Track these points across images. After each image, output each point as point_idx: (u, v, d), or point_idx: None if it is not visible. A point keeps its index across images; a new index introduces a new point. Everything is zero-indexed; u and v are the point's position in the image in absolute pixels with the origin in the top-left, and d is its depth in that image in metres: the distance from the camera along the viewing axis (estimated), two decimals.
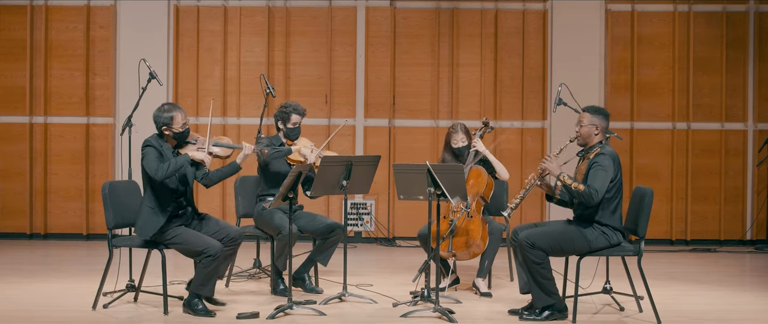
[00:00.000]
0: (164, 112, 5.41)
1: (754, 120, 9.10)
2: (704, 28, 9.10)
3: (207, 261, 5.27)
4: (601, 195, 5.11)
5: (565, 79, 7.34)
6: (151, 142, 5.37)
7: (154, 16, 8.99)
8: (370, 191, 6.09)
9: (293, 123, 6.29)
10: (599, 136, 5.33)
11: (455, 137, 6.26)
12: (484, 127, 6.34)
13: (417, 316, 5.36)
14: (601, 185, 5.10)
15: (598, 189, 5.09)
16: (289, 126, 6.29)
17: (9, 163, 9.09)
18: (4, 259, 7.74)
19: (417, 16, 9.16)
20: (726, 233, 9.08)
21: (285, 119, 6.29)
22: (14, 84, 9.07)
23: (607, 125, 5.35)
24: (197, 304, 5.33)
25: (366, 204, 9.03)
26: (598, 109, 5.38)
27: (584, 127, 5.33)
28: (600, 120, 5.32)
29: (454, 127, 6.28)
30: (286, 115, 6.28)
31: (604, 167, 5.14)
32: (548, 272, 5.21)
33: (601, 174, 5.13)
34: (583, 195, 5.11)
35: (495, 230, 6.06)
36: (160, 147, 5.37)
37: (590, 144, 5.35)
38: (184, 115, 5.46)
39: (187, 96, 9.04)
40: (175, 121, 5.40)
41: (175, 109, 5.41)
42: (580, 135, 5.35)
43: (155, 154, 5.31)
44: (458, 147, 6.25)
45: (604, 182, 5.12)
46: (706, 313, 5.67)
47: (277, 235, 5.90)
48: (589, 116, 5.33)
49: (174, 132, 5.43)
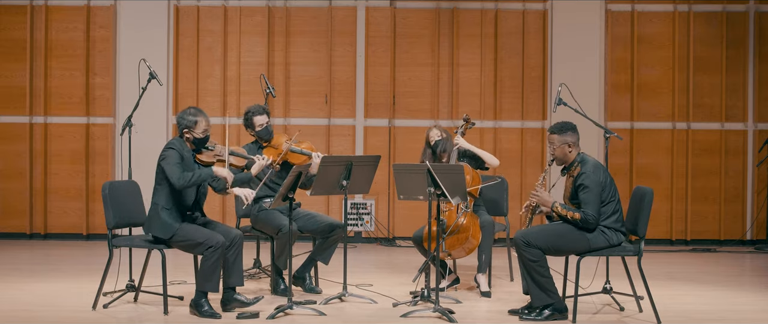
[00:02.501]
0: (189, 115, 5.40)
1: (754, 120, 9.10)
2: (704, 28, 9.10)
3: (209, 252, 5.24)
4: (598, 216, 5.14)
5: (565, 79, 7.34)
6: (175, 145, 5.33)
7: (154, 16, 8.99)
8: (370, 191, 6.09)
9: (259, 124, 6.22)
10: (573, 151, 5.32)
11: (431, 134, 6.35)
12: (465, 123, 6.37)
13: (417, 316, 5.36)
14: (594, 208, 5.13)
15: (592, 213, 5.13)
16: (258, 129, 6.23)
17: (9, 163, 9.09)
18: (4, 259, 7.74)
19: (417, 16, 9.16)
20: (726, 233, 9.08)
21: (250, 124, 6.23)
22: (14, 84, 9.07)
23: (577, 138, 5.33)
24: (203, 304, 5.30)
25: (366, 204, 9.03)
26: (562, 126, 5.34)
27: (557, 148, 5.32)
28: (569, 136, 5.31)
29: (430, 128, 6.39)
30: (249, 120, 6.23)
31: (589, 187, 5.15)
32: (545, 271, 5.21)
33: (589, 196, 5.15)
34: (581, 223, 5.16)
35: (486, 223, 6.08)
36: (182, 151, 5.34)
37: (569, 161, 5.35)
38: (208, 122, 5.45)
39: (187, 96, 9.04)
40: (197, 126, 5.39)
41: (200, 114, 5.41)
42: (556, 157, 5.35)
43: (177, 158, 5.27)
44: (435, 140, 6.31)
45: (596, 201, 5.14)
46: (706, 313, 5.67)
47: (277, 234, 5.89)
48: (557, 137, 5.31)
49: (194, 137, 5.41)
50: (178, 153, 5.29)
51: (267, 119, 6.25)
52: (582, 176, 5.20)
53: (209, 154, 5.50)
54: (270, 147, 6.27)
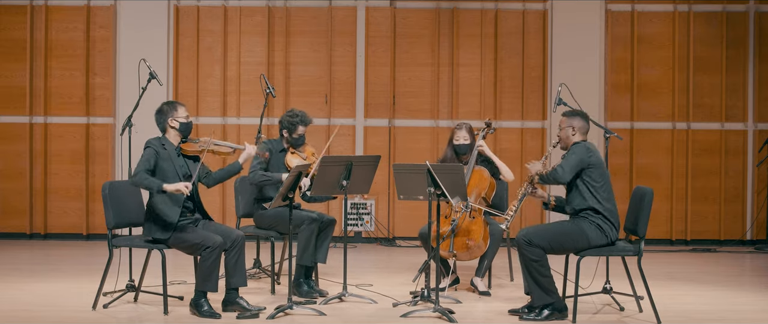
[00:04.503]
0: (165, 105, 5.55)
1: (754, 120, 9.10)
2: (704, 28, 9.10)
3: (206, 253, 5.25)
4: (569, 172, 5.26)
5: (565, 79, 7.34)
6: (151, 144, 5.42)
7: (154, 16, 8.99)
8: (370, 191, 6.09)
9: (299, 133, 6.31)
10: (577, 136, 5.45)
11: (458, 134, 6.32)
12: (486, 127, 6.36)
13: (417, 316, 5.36)
14: (567, 165, 5.28)
15: (563, 167, 5.28)
16: (295, 136, 6.31)
17: (9, 163, 9.09)
18: (4, 259, 7.74)
19: (417, 16, 9.16)
20: (726, 233, 9.08)
21: (291, 130, 6.30)
22: (14, 84, 9.07)
23: (585, 125, 5.48)
24: (203, 304, 5.31)
25: (366, 204, 9.03)
26: (574, 112, 5.54)
27: (562, 130, 5.49)
28: (577, 121, 5.46)
29: (459, 126, 6.37)
30: (293, 127, 6.29)
31: (573, 153, 5.33)
32: (546, 270, 5.22)
33: (569, 157, 5.32)
34: (550, 174, 5.32)
35: (496, 232, 6.07)
36: (159, 147, 5.40)
37: (569, 144, 5.47)
38: (186, 108, 5.60)
39: (187, 96, 9.04)
40: (178, 112, 5.51)
41: (177, 103, 5.57)
42: (560, 139, 5.52)
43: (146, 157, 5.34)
44: (460, 144, 6.29)
45: (571, 163, 5.28)
46: (706, 313, 5.67)
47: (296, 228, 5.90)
48: (565, 119, 5.50)
49: (179, 123, 5.48)
50: (153, 151, 5.38)
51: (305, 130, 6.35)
52: (571, 148, 5.40)
53: (194, 146, 5.52)
54: (296, 154, 6.30)
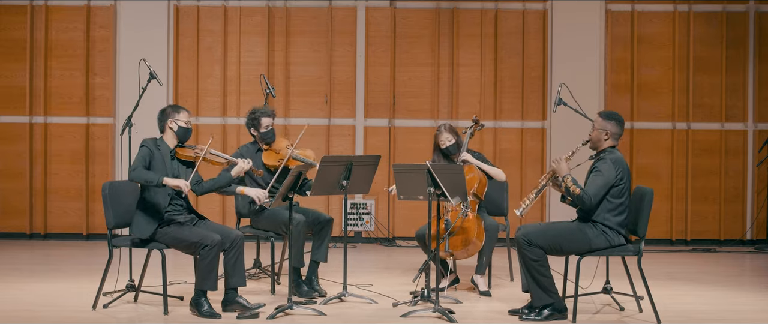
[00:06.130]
0: (169, 107, 5.58)
1: (754, 120, 9.10)
2: (704, 28, 9.10)
3: (205, 251, 5.25)
4: (595, 200, 5.14)
5: (565, 79, 7.34)
6: (146, 143, 5.45)
7: (154, 16, 8.99)
8: (370, 191, 6.09)
9: (265, 126, 6.25)
10: (609, 141, 5.34)
11: (441, 137, 6.27)
12: (474, 124, 6.35)
13: (417, 316, 5.36)
14: (596, 191, 5.14)
15: (591, 194, 5.13)
16: (262, 130, 6.26)
17: (9, 163, 9.09)
18: (4, 259, 7.74)
19: (417, 16, 9.17)
20: (726, 233, 9.08)
21: (256, 125, 6.26)
22: (14, 84, 9.07)
23: (619, 131, 5.35)
24: (203, 304, 5.31)
25: (366, 204, 9.03)
26: (610, 114, 5.39)
27: (595, 130, 5.36)
28: (611, 125, 5.33)
29: (439, 129, 6.30)
30: (256, 121, 6.25)
31: (601, 172, 5.19)
32: (546, 270, 5.22)
33: (597, 180, 5.17)
34: (577, 198, 5.17)
35: (490, 227, 6.07)
36: (154, 148, 5.43)
37: (600, 148, 5.37)
38: (189, 114, 5.61)
39: (187, 96, 9.04)
40: (180, 115, 5.52)
41: (182, 107, 5.60)
42: (591, 139, 5.38)
43: (142, 155, 5.38)
44: (446, 147, 6.25)
45: (599, 187, 5.15)
46: (706, 313, 5.67)
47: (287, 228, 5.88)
48: (600, 121, 5.36)
49: (178, 125, 5.49)
50: (148, 150, 5.41)
51: (272, 121, 6.28)
52: (600, 162, 5.25)
53: (189, 152, 5.52)
54: (270, 150, 6.27)
